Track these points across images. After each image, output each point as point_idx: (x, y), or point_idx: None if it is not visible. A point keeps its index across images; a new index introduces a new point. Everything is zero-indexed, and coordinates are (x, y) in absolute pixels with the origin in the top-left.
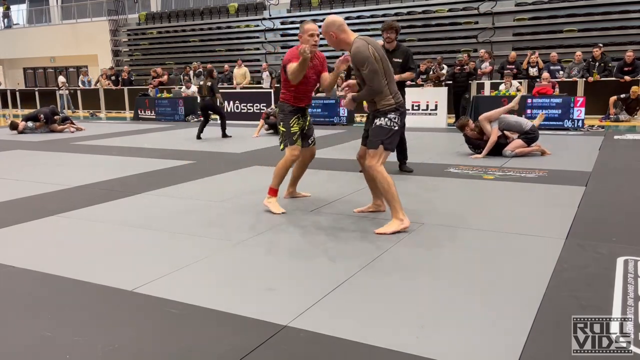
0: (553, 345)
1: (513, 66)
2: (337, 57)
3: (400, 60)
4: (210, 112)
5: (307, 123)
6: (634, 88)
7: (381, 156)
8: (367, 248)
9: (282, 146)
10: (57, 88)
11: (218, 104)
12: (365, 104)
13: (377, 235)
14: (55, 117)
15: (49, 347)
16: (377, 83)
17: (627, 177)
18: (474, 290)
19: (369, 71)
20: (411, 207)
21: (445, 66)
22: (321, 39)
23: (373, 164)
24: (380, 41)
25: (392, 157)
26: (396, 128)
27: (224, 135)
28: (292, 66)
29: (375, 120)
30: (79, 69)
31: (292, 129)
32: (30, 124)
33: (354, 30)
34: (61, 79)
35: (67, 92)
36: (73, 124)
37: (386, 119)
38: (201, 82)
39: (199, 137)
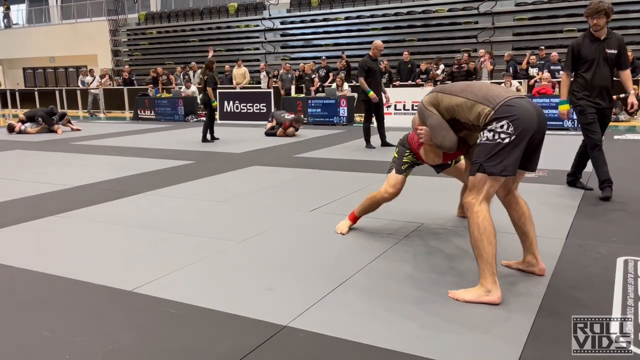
0: (553, 345)
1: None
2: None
3: (615, 52)
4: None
5: None
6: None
7: (482, 187)
8: (366, 248)
9: (387, 171)
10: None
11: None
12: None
13: (377, 236)
14: (52, 118)
15: (49, 347)
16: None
17: (627, 177)
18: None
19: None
20: (410, 207)
21: (443, 65)
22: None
23: (469, 200)
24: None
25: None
26: (506, 140)
27: (205, 139)
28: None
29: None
30: (79, 69)
31: (404, 158)
32: (28, 125)
33: (354, 30)
34: (98, 78)
35: (96, 91)
36: (70, 122)
37: (487, 132)
38: (200, 75)
39: (205, 140)
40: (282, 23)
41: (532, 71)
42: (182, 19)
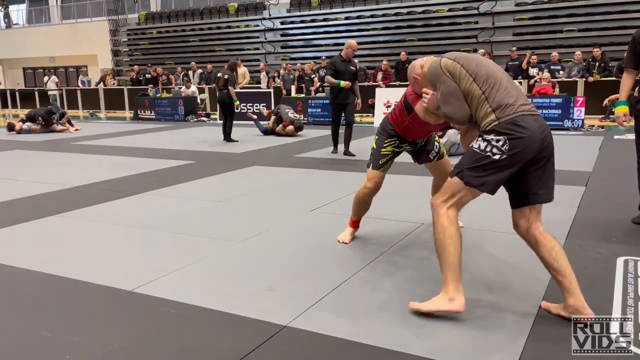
0: (553, 345)
1: None
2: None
3: None
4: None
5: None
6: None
7: (456, 193)
8: (366, 248)
9: (367, 166)
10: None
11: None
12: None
13: (377, 236)
14: (52, 118)
15: (49, 347)
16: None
17: (627, 177)
18: (473, 290)
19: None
20: (410, 208)
21: None
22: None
23: (437, 201)
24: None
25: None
26: (496, 157)
27: (228, 139)
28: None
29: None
30: (79, 69)
31: (382, 149)
32: (27, 124)
33: (354, 30)
34: (54, 79)
35: (57, 92)
36: (70, 122)
37: (480, 141)
38: (219, 74)
39: (230, 140)
40: (282, 23)
41: (532, 71)
42: (182, 19)
